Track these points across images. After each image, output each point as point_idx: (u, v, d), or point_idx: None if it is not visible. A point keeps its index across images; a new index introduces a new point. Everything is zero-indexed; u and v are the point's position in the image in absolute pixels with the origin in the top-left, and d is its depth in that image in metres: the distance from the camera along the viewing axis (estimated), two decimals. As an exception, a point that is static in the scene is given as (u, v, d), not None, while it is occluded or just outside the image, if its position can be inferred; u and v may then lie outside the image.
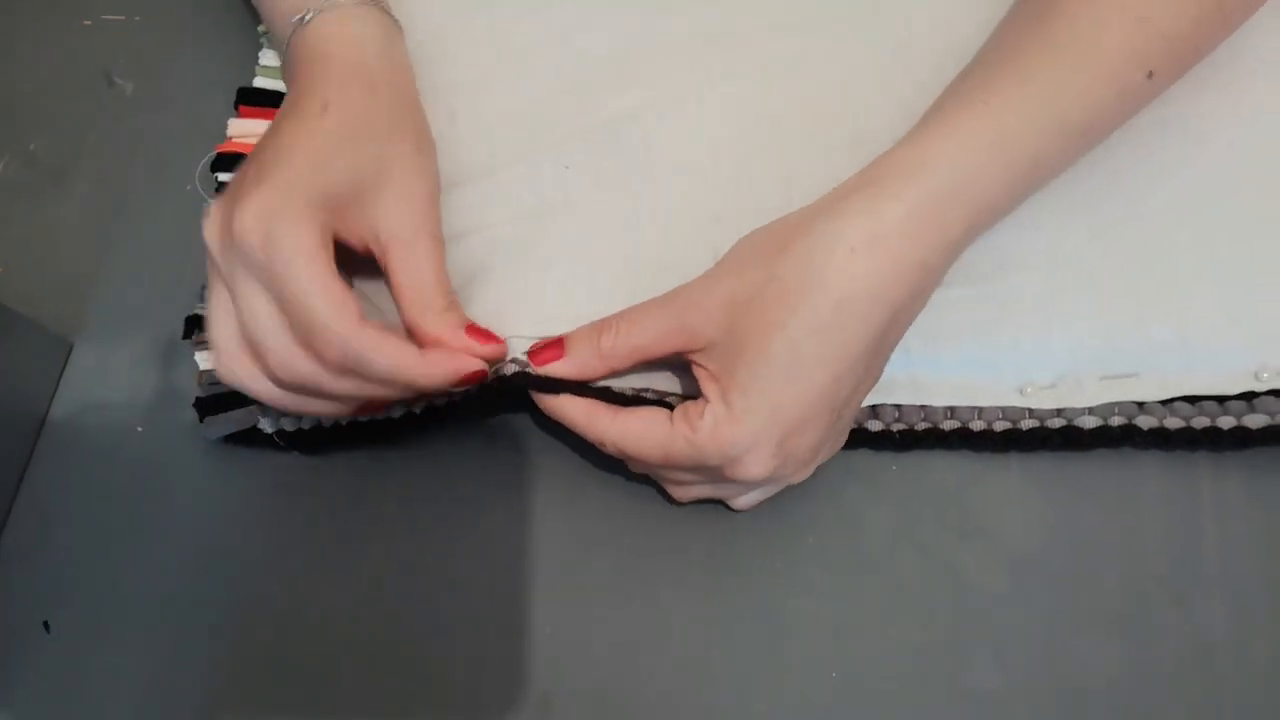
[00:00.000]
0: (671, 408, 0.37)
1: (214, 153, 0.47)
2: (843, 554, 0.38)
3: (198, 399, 0.41)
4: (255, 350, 0.35)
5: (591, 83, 0.44)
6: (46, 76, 0.52)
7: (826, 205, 0.34)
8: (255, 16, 0.50)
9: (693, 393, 0.37)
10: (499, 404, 0.39)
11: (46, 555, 0.41)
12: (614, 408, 0.36)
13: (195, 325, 0.43)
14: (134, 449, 0.43)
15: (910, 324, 0.35)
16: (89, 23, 0.53)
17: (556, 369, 0.36)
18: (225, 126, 0.47)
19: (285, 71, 0.41)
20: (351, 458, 0.41)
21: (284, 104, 0.38)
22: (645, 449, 0.35)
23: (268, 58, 0.49)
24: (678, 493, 0.38)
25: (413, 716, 0.37)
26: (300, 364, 0.34)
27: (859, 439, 0.38)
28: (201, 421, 0.41)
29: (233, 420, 0.41)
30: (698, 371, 0.35)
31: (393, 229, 0.37)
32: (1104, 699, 0.35)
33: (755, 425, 0.33)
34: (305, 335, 0.33)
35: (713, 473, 0.35)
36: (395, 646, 0.38)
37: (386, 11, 0.42)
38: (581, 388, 0.37)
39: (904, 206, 0.33)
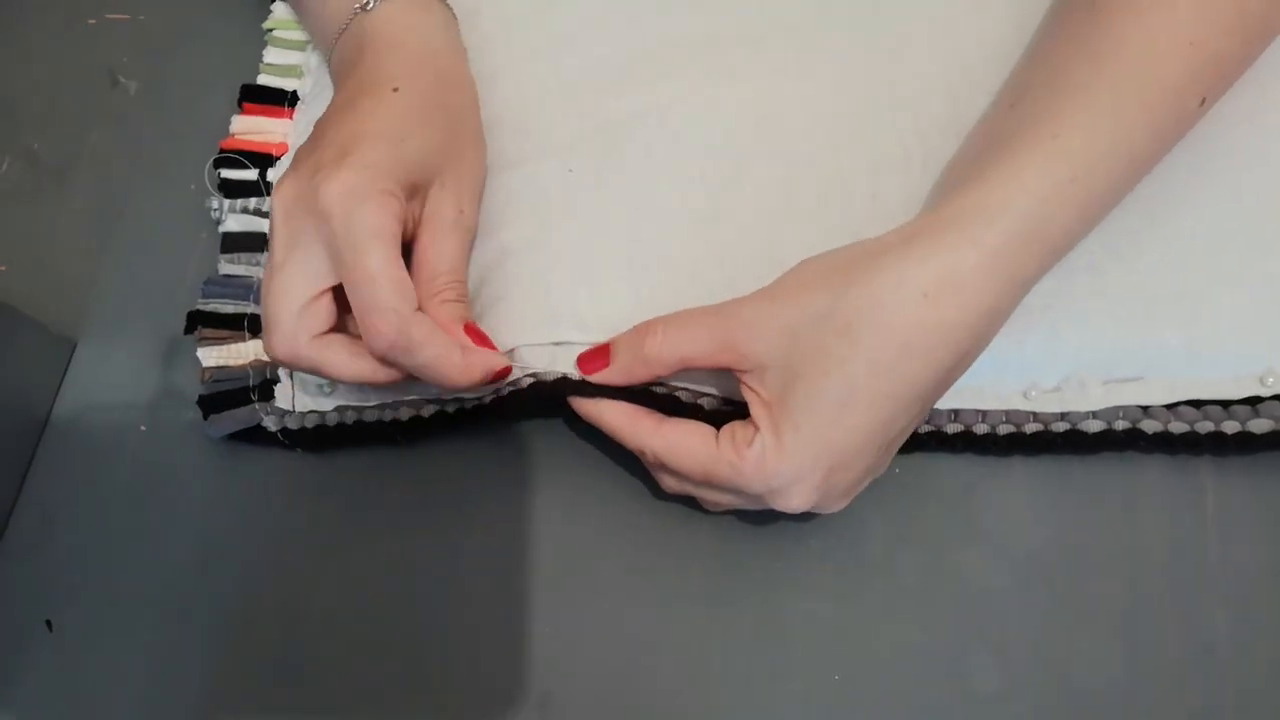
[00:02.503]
0: (709, 410, 0.37)
1: (218, 150, 0.46)
2: (844, 555, 0.38)
3: (201, 397, 0.42)
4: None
5: (593, 85, 0.44)
6: (50, 75, 0.52)
7: (893, 243, 0.32)
8: (260, 16, 0.50)
9: (730, 394, 0.37)
10: (529, 410, 0.39)
11: (49, 554, 0.42)
12: (657, 417, 0.36)
13: (197, 321, 0.43)
14: (136, 448, 0.43)
15: (971, 364, 0.34)
16: (93, 22, 0.53)
17: (603, 377, 0.36)
18: (228, 125, 0.47)
19: (342, 54, 0.41)
20: (353, 457, 0.41)
21: (349, 86, 0.38)
22: (687, 465, 0.34)
23: (272, 55, 0.49)
24: (710, 506, 0.37)
25: (413, 716, 0.37)
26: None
27: None
28: (205, 419, 0.41)
29: (236, 419, 0.41)
30: (747, 394, 0.34)
31: (436, 209, 0.37)
32: (1104, 699, 0.35)
33: (803, 460, 0.32)
34: (363, 312, 0.34)
35: (751, 498, 0.34)
36: (395, 646, 0.38)
37: (445, 2, 0.43)
38: (622, 391, 0.37)
39: (980, 251, 0.31)
